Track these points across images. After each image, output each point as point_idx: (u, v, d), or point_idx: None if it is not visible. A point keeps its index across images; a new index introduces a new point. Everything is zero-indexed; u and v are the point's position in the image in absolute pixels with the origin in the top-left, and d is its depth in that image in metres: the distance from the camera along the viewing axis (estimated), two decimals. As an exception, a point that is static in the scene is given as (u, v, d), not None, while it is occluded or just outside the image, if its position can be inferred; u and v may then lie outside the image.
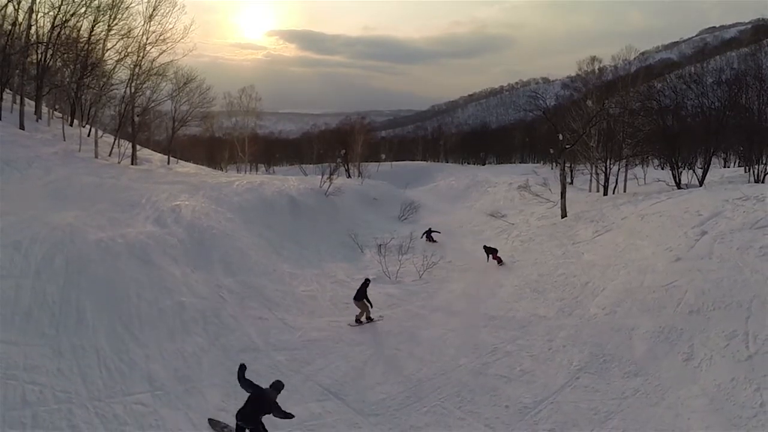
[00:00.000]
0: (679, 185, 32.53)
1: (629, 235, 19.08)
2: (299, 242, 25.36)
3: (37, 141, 29.30)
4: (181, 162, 46.48)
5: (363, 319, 15.93)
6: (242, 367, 8.56)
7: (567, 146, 30.30)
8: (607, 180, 38.06)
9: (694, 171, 33.12)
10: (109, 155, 34.30)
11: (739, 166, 55.73)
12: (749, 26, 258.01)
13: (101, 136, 37.12)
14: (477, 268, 23.03)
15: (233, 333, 13.03)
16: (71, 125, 36.38)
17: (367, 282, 16.79)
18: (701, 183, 32.52)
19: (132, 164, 34.32)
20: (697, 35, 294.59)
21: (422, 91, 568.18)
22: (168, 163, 40.51)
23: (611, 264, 17.31)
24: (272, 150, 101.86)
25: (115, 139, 35.96)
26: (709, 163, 33.80)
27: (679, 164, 33.46)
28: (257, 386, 8.44)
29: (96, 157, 31.88)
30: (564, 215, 27.39)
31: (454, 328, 15.50)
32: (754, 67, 42.54)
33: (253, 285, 16.77)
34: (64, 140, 32.97)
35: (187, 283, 14.25)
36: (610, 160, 38.26)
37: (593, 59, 47.45)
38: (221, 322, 13.50)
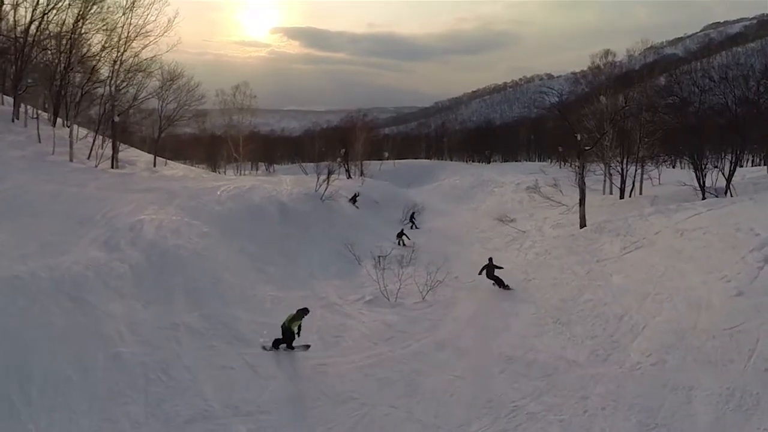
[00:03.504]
0: (704, 189, 29.72)
1: (667, 255, 16.22)
2: (288, 255, 22.70)
3: (5, 144, 26.93)
4: (171, 163, 43.93)
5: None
6: None
7: (587, 147, 27.39)
8: (623, 182, 35.36)
9: (722, 171, 30.23)
10: (88, 158, 31.80)
11: (754, 165, 52.87)
12: (754, 21, 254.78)
13: (85, 137, 34.70)
14: (486, 286, 20.32)
15: (184, 394, 10.25)
16: (54, 125, 33.95)
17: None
18: (728, 186, 29.72)
19: (112, 168, 31.80)
20: (701, 31, 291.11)
21: (427, 88, 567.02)
22: (154, 165, 37.91)
23: (650, 292, 14.49)
24: (274, 148, 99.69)
25: (93, 141, 33.41)
26: (736, 164, 30.92)
27: (704, 165, 30.63)
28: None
29: (71, 160, 29.38)
30: (583, 225, 24.56)
31: (464, 373, 12.76)
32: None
33: (223, 319, 14.04)
34: (39, 142, 30.59)
35: (131, 325, 11.52)
36: (626, 160, 35.55)
37: (607, 52, 44.80)
38: (170, 379, 10.69)
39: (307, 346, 14.04)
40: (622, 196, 35.35)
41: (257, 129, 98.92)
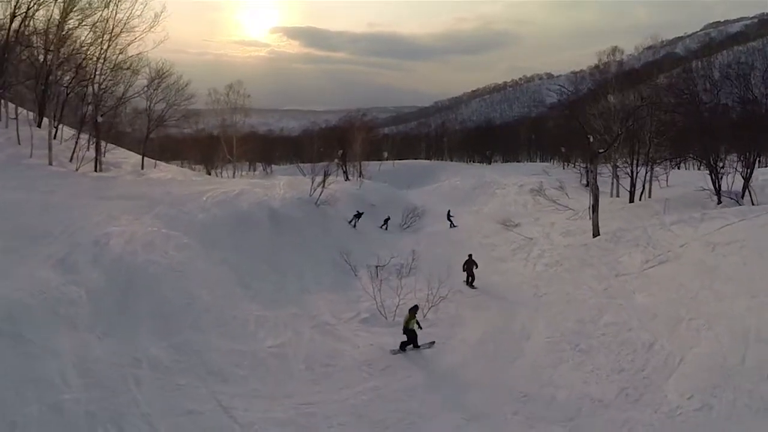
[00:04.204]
0: (719, 193, 28.03)
1: (699, 272, 14.39)
2: (278, 267, 21.02)
3: (-20, 146, 25.22)
4: (162, 165, 42.14)
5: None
6: None
7: (600, 150, 25.56)
8: (633, 185, 33.68)
9: (741, 174, 28.49)
10: (70, 161, 30.16)
11: (760, 166, 51.06)
12: (755, 21, 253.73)
13: (70, 138, 33.04)
14: (494, 301, 18.64)
15: (137, 452, 8.54)
16: (39, 126, 32.31)
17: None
18: (745, 189, 28.04)
19: (95, 171, 30.10)
20: (701, 30, 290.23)
21: (426, 87, 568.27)
22: (142, 167, 36.12)
23: (682, 317, 12.68)
24: (272, 149, 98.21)
25: (76, 142, 31.69)
26: (753, 166, 29.21)
27: (719, 167, 28.92)
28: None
29: (50, 163, 27.72)
30: (596, 233, 22.77)
31: (471, 414, 10.95)
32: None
33: (196, 347, 12.25)
34: (19, 144, 29.03)
35: (80, 364, 9.71)
36: (637, 161, 33.87)
37: (614, 49, 43.09)
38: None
39: (432, 343, 14.89)
40: (632, 200, 33.67)
41: (255, 129, 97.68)
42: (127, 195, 22.57)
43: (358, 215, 32.13)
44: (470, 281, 21.33)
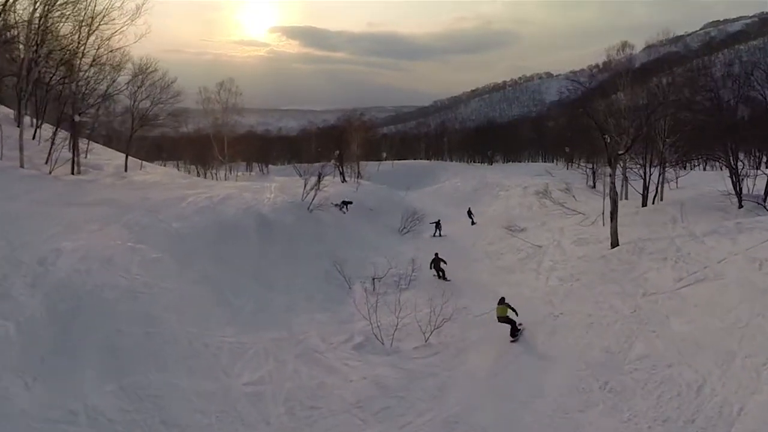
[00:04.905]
0: (740, 196, 26.06)
1: (747, 295, 12.22)
2: (265, 280, 19.09)
3: (-56, 148, 23.22)
4: (149, 166, 40.00)
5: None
6: None
7: (621, 152, 23.43)
8: (646, 187, 31.69)
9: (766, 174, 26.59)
10: (46, 163, 28.09)
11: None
12: (755, 19, 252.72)
13: (49, 139, 31.05)
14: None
15: None
16: (18, 125, 30.29)
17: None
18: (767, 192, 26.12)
19: (72, 174, 28.05)
20: (701, 29, 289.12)
21: (426, 87, 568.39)
22: (125, 169, 34.00)
23: (735, 352, 10.55)
24: (269, 148, 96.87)
25: (51, 143, 29.61)
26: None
27: (739, 170, 26.96)
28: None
29: (22, 166, 25.66)
30: (615, 243, 20.65)
31: (485, 477, 8.96)
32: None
33: (151, 390, 10.14)
34: (-8, 145, 26.93)
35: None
36: (650, 162, 31.87)
37: (624, 45, 40.95)
38: None
39: (521, 325, 15.30)
40: (644, 204, 31.62)
41: (254, 128, 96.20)
42: (99, 201, 20.54)
43: (346, 203, 32.36)
44: (442, 275, 22.45)
